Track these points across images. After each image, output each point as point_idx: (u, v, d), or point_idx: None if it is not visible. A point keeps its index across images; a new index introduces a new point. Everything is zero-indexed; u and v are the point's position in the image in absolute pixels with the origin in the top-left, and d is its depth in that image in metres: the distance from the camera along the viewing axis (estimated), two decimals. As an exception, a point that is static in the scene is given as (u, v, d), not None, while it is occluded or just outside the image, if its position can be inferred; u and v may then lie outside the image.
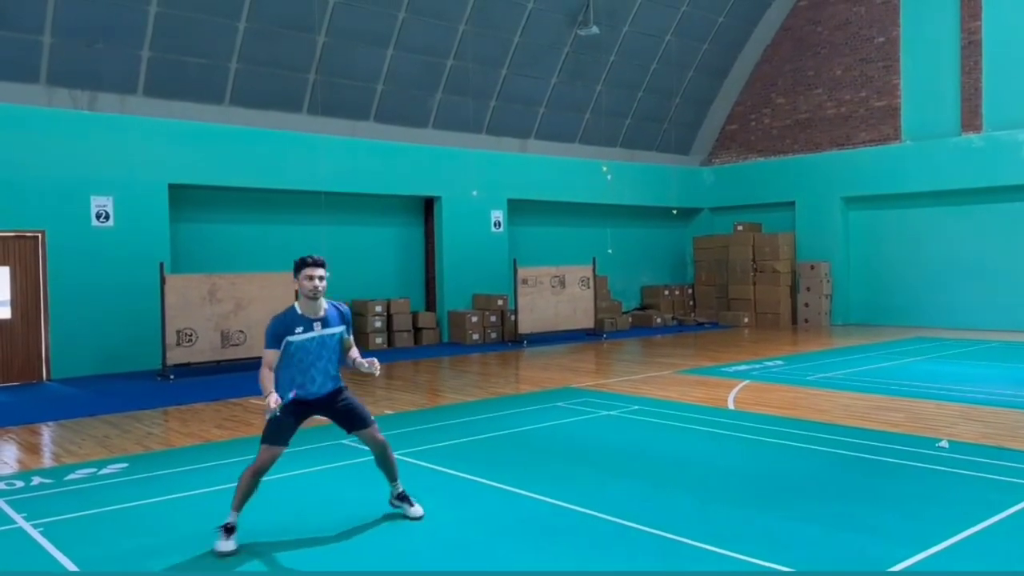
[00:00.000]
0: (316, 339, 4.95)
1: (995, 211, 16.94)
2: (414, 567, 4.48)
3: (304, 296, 4.94)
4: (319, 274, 4.92)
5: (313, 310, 4.97)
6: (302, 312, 4.95)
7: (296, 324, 4.91)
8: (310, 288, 4.90)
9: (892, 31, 18.36)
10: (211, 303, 12.55)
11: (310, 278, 4.90)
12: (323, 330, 4.98)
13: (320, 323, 4.98)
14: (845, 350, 14.15)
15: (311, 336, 4.93)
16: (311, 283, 4.90)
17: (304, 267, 4.94)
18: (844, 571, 4.19)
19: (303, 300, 4.97)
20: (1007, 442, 6.98)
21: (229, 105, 14.58)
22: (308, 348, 4.93)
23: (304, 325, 4.92)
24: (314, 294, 4.91)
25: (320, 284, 4.91)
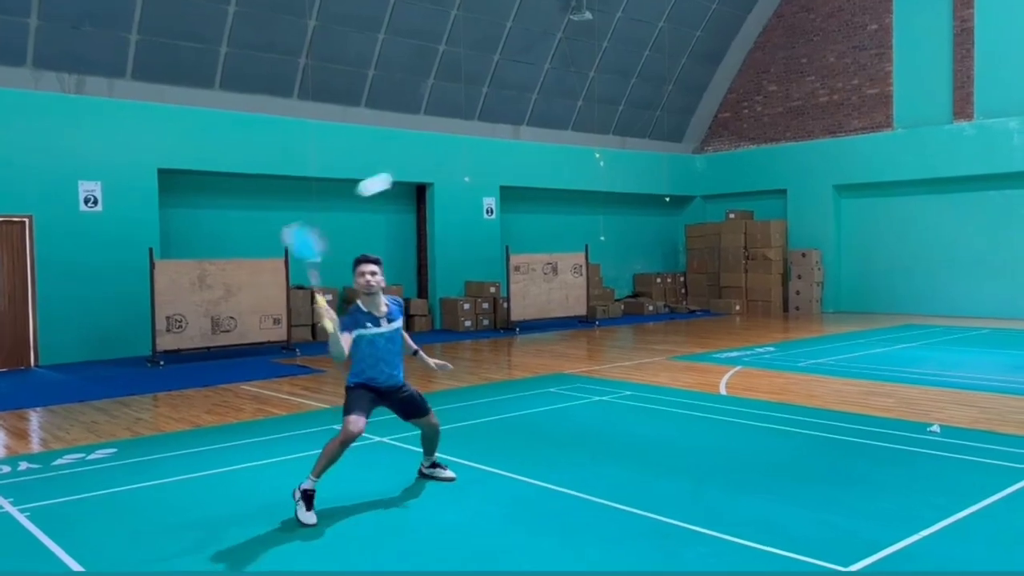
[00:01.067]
0: (384, 335, 5.22)
1: (986, 199, 16.98)
2: (410, 553, 4.46)
3: (364, 293, 5.19)
4: (371, 270, 5.16)
5: (376, 306, 5.21)
6: (367, 309, 5.20)
7: (364, 320, 5.16)
8: (363, 284, 5.15)
9: (885, 18, 18.34)
10: (201, 289, 12.47)
11: (362, 274, 5.16)
12: (389, 325, 5.24)
13: (385, 319, 5.23)
14: (836, 337, 14.19)
15: (379, 332, 5.20)
16: (363, 279, 5.15)
17: (360, 264, 5.22)
18: (837, 552, 4.20)
19: (363, 297, 5.22)
20: (997, 426, 7.01)
21: (219, 89, 14.45)
22: (377, 343, 5.19)
23: (372, 321, 5.18)
24: (368, 289, 5.16)
25: (373, 279, 5.14)
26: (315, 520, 4.81)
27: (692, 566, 4.14)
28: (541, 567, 4.19)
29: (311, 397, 9.25)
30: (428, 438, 5.64)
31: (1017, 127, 16.15)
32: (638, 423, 7.64)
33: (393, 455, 6.56)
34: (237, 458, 6.47)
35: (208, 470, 6.14)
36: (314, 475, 4.96)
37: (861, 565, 4.06)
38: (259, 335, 13.07)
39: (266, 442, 7.02)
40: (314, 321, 4.11)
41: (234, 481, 5.88)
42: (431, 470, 5.73)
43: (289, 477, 5.93)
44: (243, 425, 7.80)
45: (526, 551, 4.41)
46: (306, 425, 7.67)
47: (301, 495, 4.89)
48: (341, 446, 5.01)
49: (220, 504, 5.33)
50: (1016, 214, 16.56)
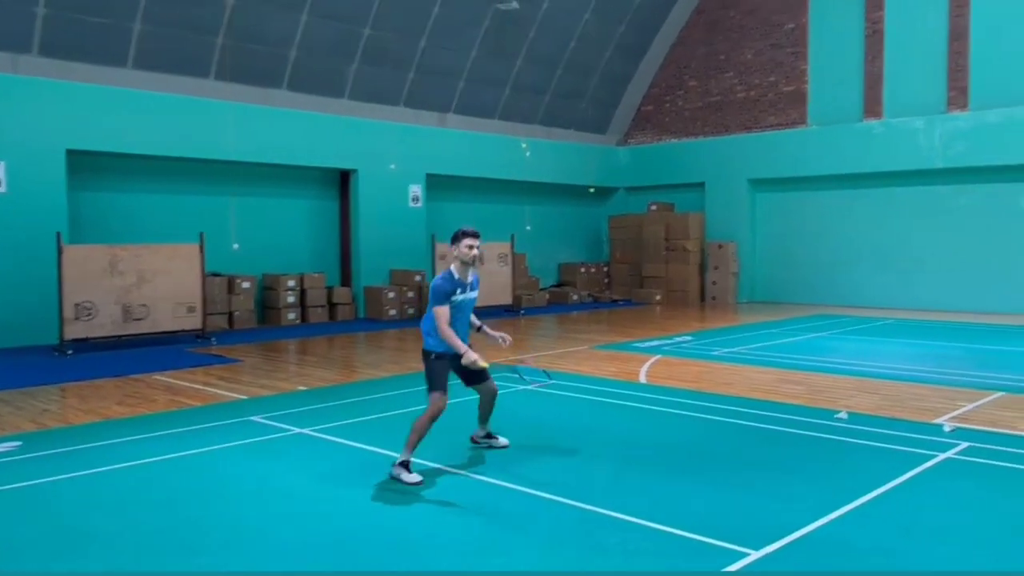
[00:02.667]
0: (468, 300, 5.72)
1: (894, 195, 17.77)
2: (319, 546, 4.41)
3: (463, 262, 5.63)
4: (477, 243, 5.66)
5: (465, 275, 5.67)
6: (458, 276, 5.63)
7: (456, 286, 5.61)
8: (471, 256, 5.62)
9: (801, 18, 18.93)
10: (112, 275, 12.01)
11: (470, 247, 5.61)
12: (472, 292, 5.75)
13: (469, 287, 5.72)
14: (750, 326, 14.65)
15: (465, 297, 5.67)
16: (471, 251, 5.61)
17: (465, 237, 5.62)
18: (749, 536, 4.35)
19: (460, 266, 5.64)
20: (901, 413, 7.37)
21: (132, 68, 13.89)
22: (462, 308, 5.69)
23: (461, 287, 5.64)
24: (473, 260, 5.65)
25: (478, 252, 5.67)
26: (420, 478, 5.28)
27: (612, 552, 4.23)
28: (461, 556, 4.22)
29: (227, 387, 9.03)
30: (486, 404, 6.04)
31: (923, 126, 16.93)
32: (561, 412, 7.73)
33: (313, 446, 6.47)
34: (149, 451, 6.28)
35: (119, 463, 5.94)
36: (409, 449, 5.39)
37: (771, 548, 4.22)
38: (173, 323, 12.68)
39: (180, 434, 6.82)
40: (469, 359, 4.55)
41: (146, 474, 5.70)
42: (486, 440, 6.18)
43: (204, 470, 5.80)
44: (156, 417, 7.56)
45: (447, 539, 4.42)
46: (221, 417, 7.50)
47: (400, 466, 5.33)
48: (430, 421, 5.45)
49: (131, 498, 5.17)
50: (920, 209, 17.38)
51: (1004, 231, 16.30)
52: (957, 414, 7.27)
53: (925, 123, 16.91)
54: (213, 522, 4.72)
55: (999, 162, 16.03)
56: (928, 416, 7.19)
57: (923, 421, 7.01)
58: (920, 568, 4.04)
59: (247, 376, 9.83)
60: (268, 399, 8.35)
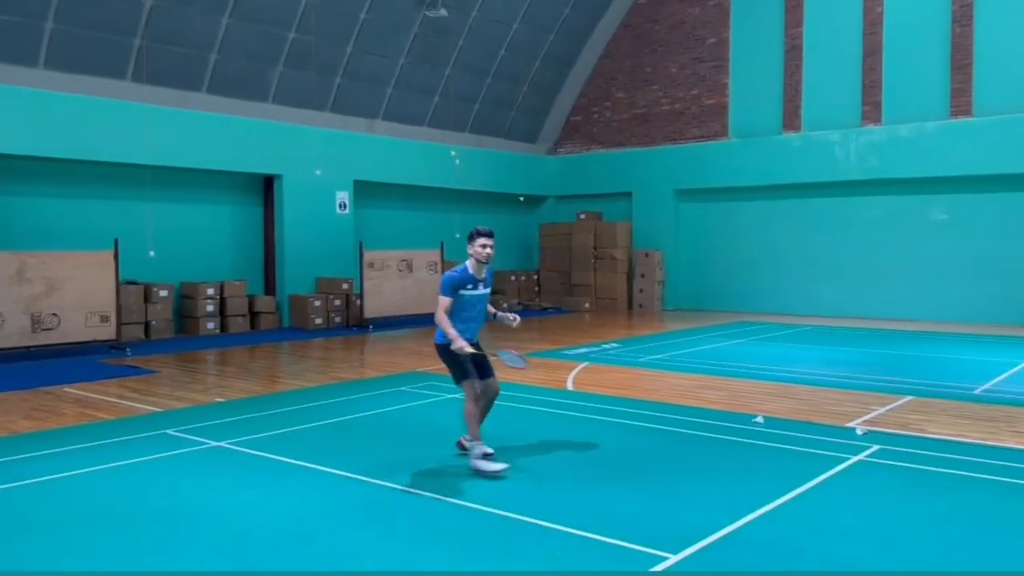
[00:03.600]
0: (480, 296, 5.98)
1: (812, 205, 18.36)
2: (253, 556, 4.28)
3: (478, 260, 5.91)
4: (491, 243, 5.95)
5: (479, 272, 5.95)
6: (473, 273, 5.92)
7: (468, 281, 5.89)
8: (485, 255, 5.91)
9: (723, 32, 19.44)
10: (19, 284, 11.47)
11: (484, 246, 5.91)
12: (484, 289, 6.01)
13: (482, 283, 5.99)
14: (674, 333, 14.92)
15: (477, 293, 5.95)
16: (485, 250, 5.91)
17: (479, 236, 5.92)
18: (667, 540, 4.41)
19: (474, 263, 5.93)
20: (815, 417, 7.59)
21: (43, 68, 13.33)
22: (473, 303, 5.96)
23: (473, 283, 5.91)
24: (487, 259, 5.93)
25: (491, 251, 5.95)
26: (504, 464, 5.61)
27: (535, 560, 4.22)
28: (385, 567, 4.15)
29: (141, 400, 8.71)
30: (488, 406, 6.14)
31: (839, 139, 17.56)
32: (487, 420, 7.69)
33: (229, 459, 6.29)
34: (57, 466, 5.99)
35: (25, 480, 5.65)
36: (474, 438, 5.73)
37: (690, 551, 4.28)
38: (85, 333, 12.17)
39: (90, 449, 6.54)
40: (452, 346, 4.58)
41: (54, 490, 5.44)
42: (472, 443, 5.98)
43: (116, 485, 5.57)
44: (65, 431, 7.24)
45: (371, 551, 4.35)
46: (135, 430, 7.22)
47: (482, 456, 5.63)
48: (476, 403, 5.78)
49: (38, 514, 4.92)
50: (837, 220, 18.01)
51: (914, 241, 17.02)
52: (869, 418, 7.52)
53: (841, 136, 17.55)
54: (116, 541, 4.52)
55: (910, 175, 16.75)
56: (841, 420, 7.43)
57: (836, 425, 7.24)
58: (833, 568, 4.15)
59: (163, 388, 9.50)
60: (184, 411, 8.08)
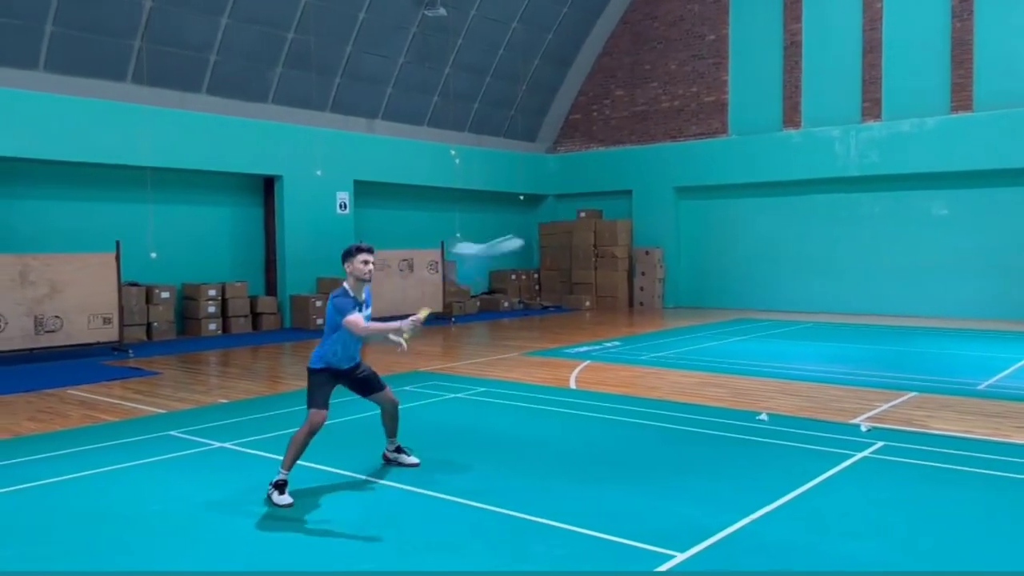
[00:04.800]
0: (364, 318, 5.42)
1: (812, 202, 18.35)
2: (262, 558, 4.29)
3: (358, 279, 5.40)
4: (372, 259, 5.46)
5: (360, 292, 5.46)
6: (353, 294, 5.42)
7: (353, 304, 5.38)
8: (366, 272, 5.39)
9: (722, 29, 19.42)
10: (22, 286, 11.48)
11: (365, 262, 5.40)
12: (366, 310, 5.50)
13: (364, 304, 5.50)
14: (676, 331, 14.92)
15: (364, 315, 5.43)
16: (367, 267, 5.39)
17: (359, 252, 5.41)
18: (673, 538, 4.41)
19: (354, 282, 5.42)
20: (819, 414, 7.59)
21: (44, 71, 13.32)
22: None
23: (358, 306, 5.41)
24: (369, 277, 5.42)
25: (373, 268, 5.44)
26: (291, 500, 5.02)
27: (542, 560, 4.22)
28: (388, 566, 4.15)
29: (145, 401, 8.72)
30: (389, 415, 5.82)
31: (839, 135, 17.55)
32: (491, 419, 7.72)
33: (233, 460, 6.30)
34: (62, 469, 6.00)
35: (30, 482, 5.66)
36: (284, 468, 5.15)
37: (696, 549, 4.28)
38: (88, 335, 12.18)
39: (94, 451, 6.55)
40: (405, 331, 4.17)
41: (59, 492, 5.44)
42: (395, 455, 5.90)
43: (120, 487, 5.58)
44: (69, 433, 7.24)
45: (373, 550, 4.35)
46: (140, 431, 7.23)
47: (274, 486, 5.07)
48: (308, 436, 5.22)
49: (43, 517, 4.92)
50: (838, 216, 18.01)
51: (916, 237, 17.01)
52: (873, 414, 7.53)
53: (841, 132, 17.54)
54: (122, 542, 4.53)
55: (911, 170, 16.74)
56: (845, 416, 7.43)
57: (841, 422, 7.24)
58: (840, 566, 4.16)
59: (166, 389, 9.50)
60: (188, 413, 8.09)
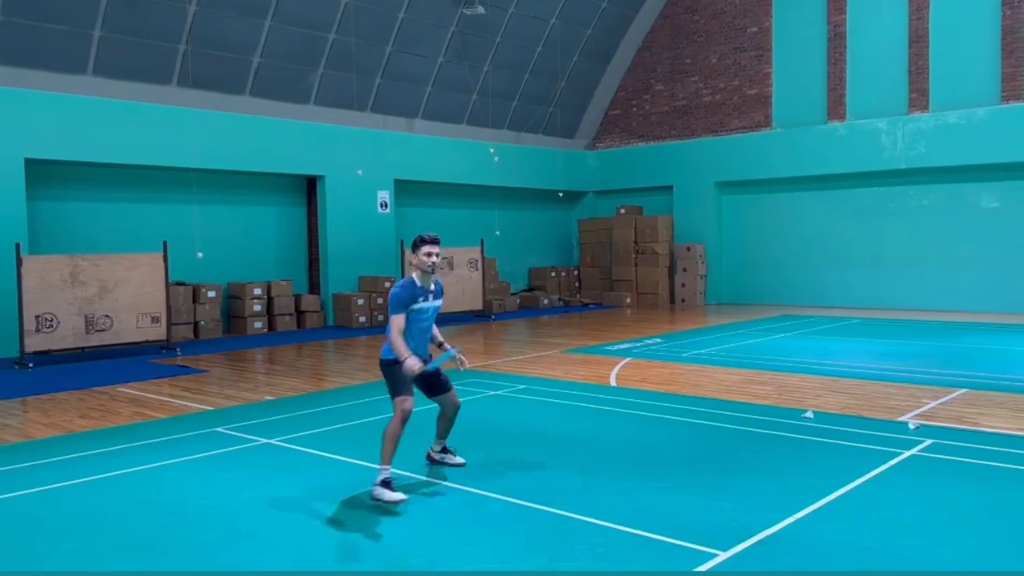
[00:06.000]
0: (431, 308, 5.54)
1: (857, 195, 18.03)
2: (303, 554, 4.35)
3: (423, 270, 5.44)
4: (436, 251, 5.46)
5: (428, 282, 5.50)
6: (420, 284, 5.45)
7: (418, 294, 5.42)
8: (430, 264, 5.42)
9: (765, 21, 19.15)
10: (73, 286, 11.79)
11: (429, 254, 5.42)
12: (435, 300, 5.57)
13: (432, 294, 5.54)
14: (718, 328, 14.76)
15: (427, 305, 5.49)
16: (430, 259, 5.42)
17: (424, 244, 5.44)
18: (717, 537, 4.37)
19: (420, 273, 5.46)
20: (866, 411, 7.45)
21: (92, 75, 13.66)
22: (424, 316, 5.50)
23: (423, 295, 5.46)
24: (433, 268, 5.44)
25: (437, 260, 5.47)
26: (403, 496, 5.01)
27: (583, 558, 4.22)
28: (432, 564, 4.18)
29: (192, 399, 8.90)
30: (447, 417, 5.83)
31: (885, 128, 17.20)
32: (532, 417, 7.72)
33: (280, 457, 6.39)
34: (113, 465, 6.15)
35: (82, 477, 5.82)
36: (385, 463, 5.16)
37: (739, 548, 4.23)
38: (137, 334, 12.47)
39: (144, 447, 6.70)
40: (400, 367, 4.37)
41: (111, 488, 5.58)
42: (442, 455, 5.91)
43: (170, 483, 5.70)
44: (120, 429, 7.42)
45: (418, 547, 4.38)
46: (188, 428, 7.38)
47: (381, 484, 5.08)
48: (401, 425, 5.23)
49: (96, 512, 5.05)
50: (884, 210, 17.66)
51: (965, 230, 16.60)
52: (921, 412, 7.37)
53: (887, 124, 17.18)
54: (173, 537, 4.63)
55: (959, 162, 16.33)
56: (893, 414, 7.28)
57: (888, 419, 7.10)
58: (886, 566, 4.08)
59: (213, 387, 9.69)
60: (235, 409, 8.23)
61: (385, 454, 5.19)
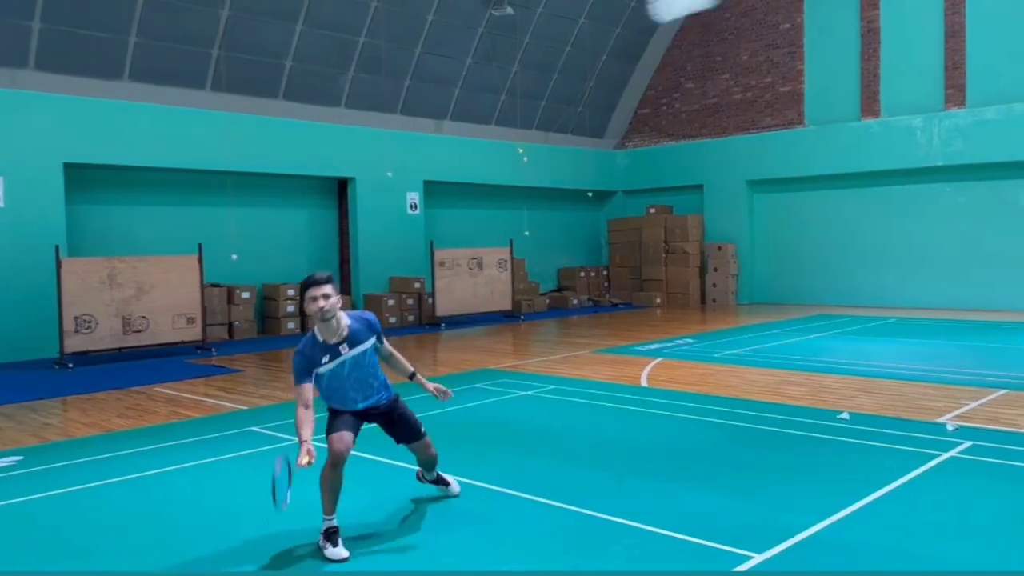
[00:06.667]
0: (347, 362, 4.54)
1: (892, 193, 17.76)
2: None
3: (314, 319, 4.46)
4: (323, 292, 4.38)
5: (334, 332, 4.48)
6: (323, 339, 4.48)
7: (321, 354, 4.46)
8: (315, 310, 4.39)
9: (796, 18, 18.94)
10: (111, 288, 12.00)
11: (313, 299, 4.38)
12: (351, 351, 4.54)
13: (346, 344, 4.52)
14: (751, 328, 14.62)
15: (340, 361, 4.52)
16: (315, 304, 4.38)
17: (306, 289, 4.42)
18: (751, 539, 4.33)
19: (318, 324, 4.48)
20: (903, 412, 7.34)
21: (128, 81, 13.91)
22: (340, 375, 4.55)
23: (330, 353, 4.48)
24: (322, 316, 4.40)
25: (326, 303, 4.38)
26: (347, 553, 4.27)
27: (616, 559, 4.21)
28: (463, 565, 4.19)
29: (228, 398, 9.01)
30: (423, 464, 5.14)
31: (921, 124, 16.93)
32: (562, 417, 7.71)
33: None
34: (150, 463, 6.26)
35: (120, 476, 5.92)
36: (325, 513, 4.41)
37: (775, 550, 4.19)
38: (173, 335, 12.66)
39: (181, 446, 6.80)
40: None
41: (147, 487, 5.68)
42: (434, 484, 5.26)
43: (205, 481, 5.78)
44: (157, 428, 7.54)
45: (452, 546, 4.40)
46: (223, 428, 7.48)
47: (324, 536, 4.36)
48: (332, 469, 4.43)
49: (133, 510, 5.14)
50: (919, 208, 17.37)
51: (1004, 228, 16.28)
52: (960, 413, 7.24)
53: (923, 121, 16.90)
54: (210, 534, 4.69)
55: (998, 159, 16.02)
56: (931, 415, 7.17)
57: (926, 420, 6.99)
58: (925, 568, 4.01)
59: (248, 386, 9.81)
60: (269, 409, 8.32)
61: (325, 504, 4.41)
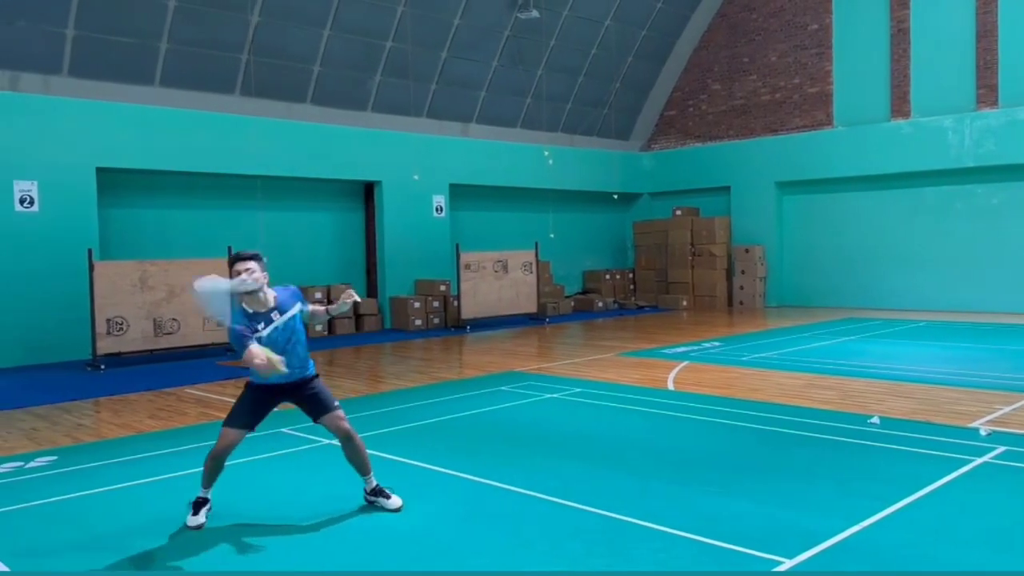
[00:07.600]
0: (280, 328, 4.87)
1: (923, 195, 17.53)
2: (363, 557, 4.43)
3: (241, 293, 4.80)
4: (247, 267, 4.78)
5: (262, 304, 4.86)
6: (252, 310, 4.83)
7: (255, 323, 4.79)
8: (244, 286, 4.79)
9: (825, 18, 18.77)
10: (142, 290, 12.18)
11: (238, 273, 4.79)
12: (283, 317, 4.90)
13: (277, 311, 4.89)
14: (779, 331, 14.50)
15: (274, 327, 4.85)
16: (239, 278, 4.78)
17: (233, 264, 4.86)
18: (780, 544, 4.30)
19: (245, 298, 4.81)
20: (934, 417, 7.24)
21: (159, 86, 14.12)
22: (276, 340, 4.83)
23: (264, 320, 4.83)
24: (248, 289, 4.79)
25: (249, 277, 4.76)
26: (203, 520, 4.81)
27: (642, 562, 4.20)
28: (493, 566, 4.21)
29: (258, 400, 9.10)
30: (348, 450, 5.10)
31: (951, 125, 16.69)
32: (587, 420, 7.70)
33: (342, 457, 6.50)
34: (182, 464, 6.34)
35: (152, 476, 6.01)
36: (202, 487, 4.94)
37: (804, 556, 4.16)
38: (203, 337, 12.82)
39: (211, 447, 6.87)
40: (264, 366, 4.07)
41: (178, 487, 5.76)
42: (374, 497, 5.12)
43: (235, 481, 5.84)
44: (188, 429, 7.64)
45: (478, 550, 4.42)
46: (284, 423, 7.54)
47: (192, 504, 4.86)
48: (214, 460, 4.90)
49: (165, 511, 5.22)
50: (951, 209, 17.13)
51: (1038, 229, 16.01)
52: (993, 417, 7.13)
53: (954, 121, 16.67)
54: (241, 534, 4.75)
55: (1031, 159, 15.77)
56: (963, 420, 7.06)
57: (958, 425, 6.89)
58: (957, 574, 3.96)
59: (276, 388, 9.88)
60: (298, 411, 8.37)
61: (202, 477, 4.93)
